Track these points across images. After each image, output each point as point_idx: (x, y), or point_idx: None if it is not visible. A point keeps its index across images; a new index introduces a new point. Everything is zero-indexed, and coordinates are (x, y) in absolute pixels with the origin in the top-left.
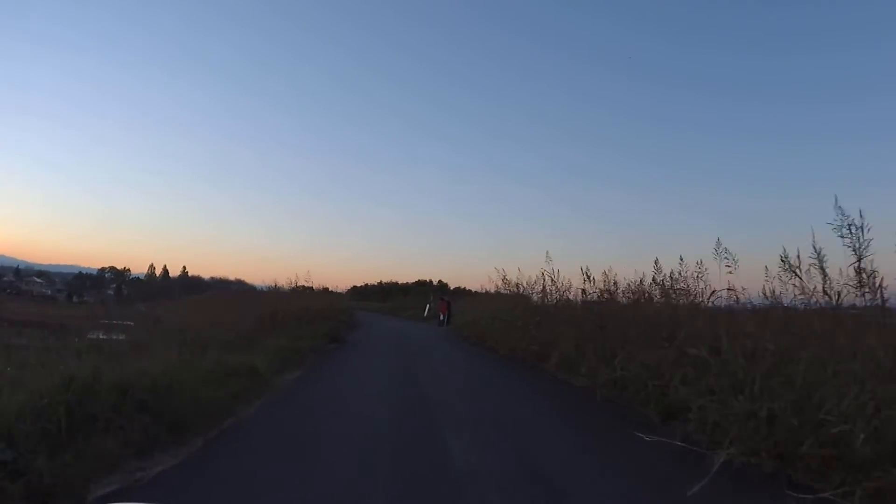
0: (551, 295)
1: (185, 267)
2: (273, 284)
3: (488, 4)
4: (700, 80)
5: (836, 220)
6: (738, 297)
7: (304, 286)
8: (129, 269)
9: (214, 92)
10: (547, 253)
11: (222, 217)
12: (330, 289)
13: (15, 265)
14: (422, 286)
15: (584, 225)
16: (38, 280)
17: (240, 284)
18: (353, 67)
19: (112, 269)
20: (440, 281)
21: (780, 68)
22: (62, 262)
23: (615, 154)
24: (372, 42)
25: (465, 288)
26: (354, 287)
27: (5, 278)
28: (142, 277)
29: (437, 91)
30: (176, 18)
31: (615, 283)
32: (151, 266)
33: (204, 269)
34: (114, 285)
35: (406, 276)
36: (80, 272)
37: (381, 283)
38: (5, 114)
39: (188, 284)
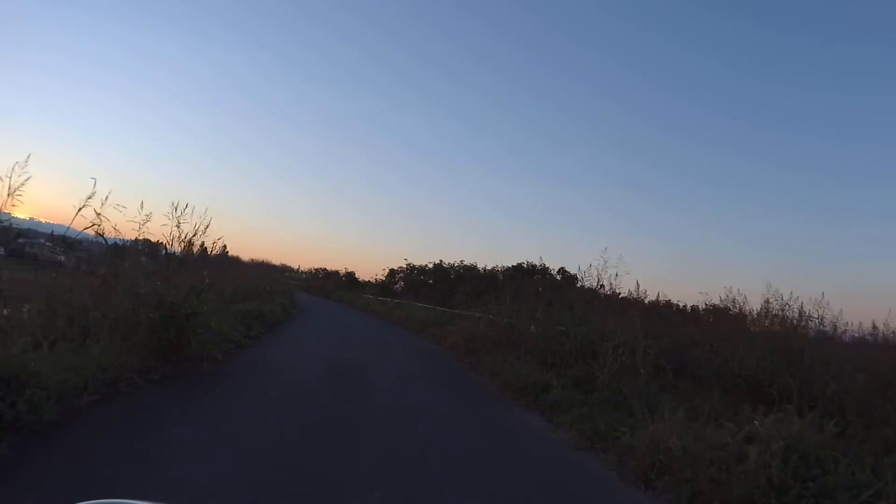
0: None
1: (225, 246)
2: (296, 268)
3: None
4: (781, 115)
5: None
6: None
7: (326, 270)
8: (163, 243)
9: (280, 80)
10: None
11: (282, 204)
12: (356, 275)
13: (50, 230)
14: (529, 274)
15: (634, 239)
16: (49, 244)
17: (284, 268)
18: (415, 64)
19: (146, 240)
20: (564, 269)
21: (855, 106)
22: (111, 234)
23: (669, 172)
24: (432, 40)
25: (583, 284)
26: (391, 271)
27: (20, 240)
28: (177, 253)
29: (488, 88)
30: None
31: None
32: (190, 242)
33: (250, 251)
34: (143, 257)
35: (478, 257)
36: (115, 243)
37: (440, 263)
38: (76, 88)
39: (222, 263)
